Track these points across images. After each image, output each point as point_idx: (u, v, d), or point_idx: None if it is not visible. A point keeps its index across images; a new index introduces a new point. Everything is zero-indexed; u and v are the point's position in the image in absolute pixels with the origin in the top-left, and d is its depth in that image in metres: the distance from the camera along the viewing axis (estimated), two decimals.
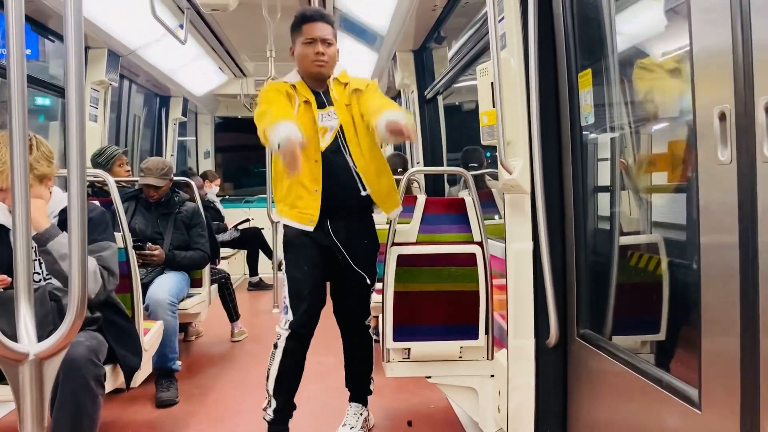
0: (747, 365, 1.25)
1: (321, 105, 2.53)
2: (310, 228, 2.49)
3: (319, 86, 2.57)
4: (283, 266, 2.57)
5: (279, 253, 6.06)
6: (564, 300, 2.21)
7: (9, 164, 0.99)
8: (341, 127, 2.51)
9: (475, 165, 4.57)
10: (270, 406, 2.58)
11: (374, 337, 3.00)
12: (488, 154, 5.23)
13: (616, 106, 2.17)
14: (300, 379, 2.62)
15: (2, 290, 2.10)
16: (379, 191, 2.57)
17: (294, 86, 2.55)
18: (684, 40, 1.47)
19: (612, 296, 2.12)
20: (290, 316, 2.51)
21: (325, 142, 2.50)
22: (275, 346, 2.54)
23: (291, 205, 2.51)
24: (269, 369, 2.56)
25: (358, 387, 2.84)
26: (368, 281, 2.63)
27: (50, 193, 2.30)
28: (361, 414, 2.83)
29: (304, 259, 2.53)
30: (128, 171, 4.21)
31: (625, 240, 2.16)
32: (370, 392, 2.87)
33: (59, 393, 1.98)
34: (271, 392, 2.57)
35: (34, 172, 2.18)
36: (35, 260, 2.26)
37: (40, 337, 1.00)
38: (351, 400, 2.87)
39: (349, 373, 2.85)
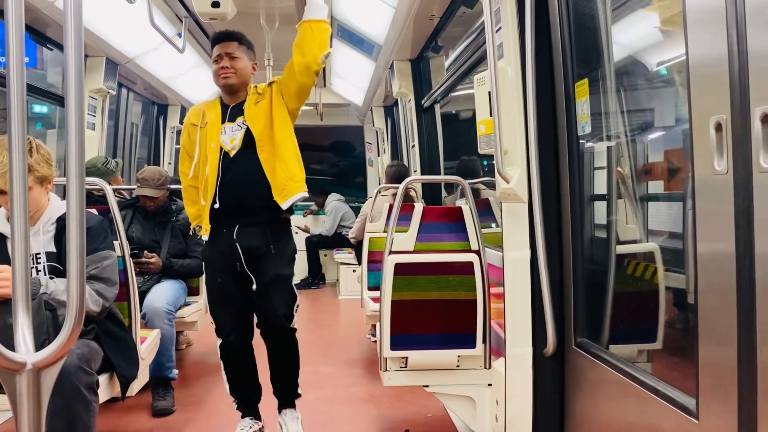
0: (744, 374, 1.26)
1: (231, 119, 2.74)
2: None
3: (232, 100, 2.79)
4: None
5: None
6: (561, 309, 2.21)
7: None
8: (248, 134, 2.68)
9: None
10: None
11: (373, 339, 3.02)
12: (485, 163, 5.26)
13: (612, 115, 2.18)
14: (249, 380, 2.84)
15: None
16: (275, 186, 2.66)
17: (205, 106, 2.82)
18: (679, 49, 1.49)
19: (609, 305, 2.13)
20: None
21: (234, 146, 2.68)
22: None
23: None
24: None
25: (287, 393, 2.84)
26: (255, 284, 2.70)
27: (48, 200, 2.30)
28: (297, 417, 2.84)
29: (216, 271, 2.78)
30: (122, 181, 4.25)
31: (622, 249, 2.16)
32: (299, 394, 2.87)
33: (51, 402, 1.96)
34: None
35: (35, 173, 2.18)
36: (31, 268, 2.26)
37: (34, 346, 1.00)
38: (281, 406, 2.85)
39: (277, 379, 2.84)
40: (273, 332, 2.75)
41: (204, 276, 2.79)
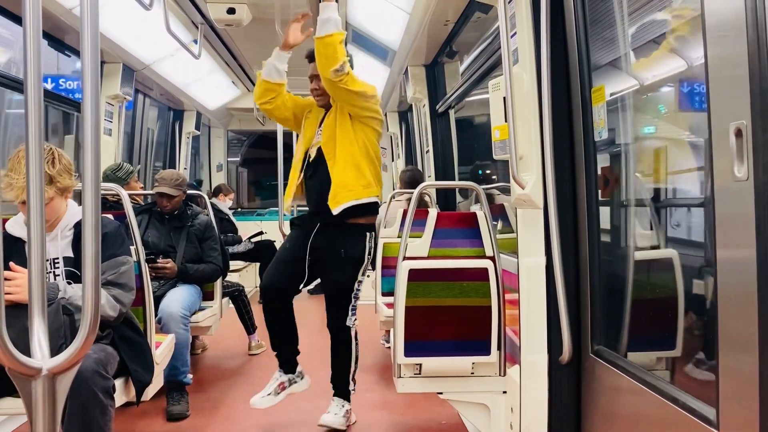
0: (766, 383, 1.23)
1: (319, 126, 3.03)
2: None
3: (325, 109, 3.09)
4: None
5: None
6: (577, 316, 2.19)
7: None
8: (320, 145, 2.96)
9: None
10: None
11: (387, 345, 3.01)
12: (480, 172, 5.33)
13: (630, 120, 2.16)
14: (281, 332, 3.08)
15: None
16: (330, 192, 2.89)
17: (313, 105, 3.12)
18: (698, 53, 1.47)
19: (627, 312, 2.10)
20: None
21: (311, 156, 3.00)
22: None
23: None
24: None
25: (338, 383, 3.10)
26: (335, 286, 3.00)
27: (66, 205, 2.32)
28: (343, 406, 3.06)
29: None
30: (142, 186, 4.27)
31: (640, 255, 2.14)
32: (349, 392, 3.10)
33: (68, 406, 1.98)
34: None
35: (57, 185, 2.21)
36: (48, 273, 2.27)
37: (51, 351, 1.00)
38: (334, 395, 3.10)
39: (332, 369, 3.13)
40: (331, 328, 3.06)
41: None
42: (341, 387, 3.08)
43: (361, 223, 2.95)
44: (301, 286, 3.03)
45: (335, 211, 2.85)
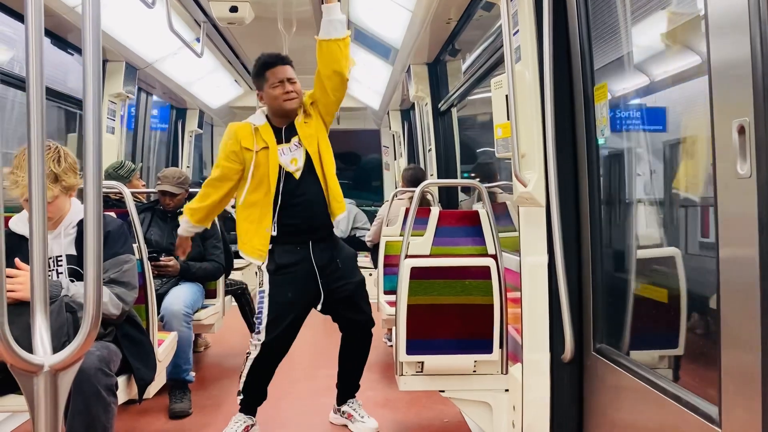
0: None
1: (286, 140, 2.79)
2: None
3: (282, 122, 2.81)
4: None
5: None
6: (580, 314, 2.19)
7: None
8: (306, 153, 2.76)
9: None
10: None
11: (389, 343, 2.99)
12: (465, 175, 5.34)
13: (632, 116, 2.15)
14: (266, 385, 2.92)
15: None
16: (329, 204, 2.81)
17: (257, 129, 2.78)
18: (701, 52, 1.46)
19: (629, 310, 2.10)
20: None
21: (298, 167, 2.75)
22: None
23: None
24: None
25: (351, 384, 3.08)
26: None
27: (70, 204, 2.33)
28: (360, 404, 3.08)
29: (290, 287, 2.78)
30: (144, 184, 4.29)
31: (642, 253, 2.13)
32: (359, 386, 3.12)
33: (72, 403, 1.99)
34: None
35: (63, 183, 2.22)
36: (51, 271, 2.28)
37: (54, 348, 1.00)
38: (346, 398, 3.08)
39: (348, 371, 3.06)
40: (362, 333, 2.96)
41: (268, 288, 2.77)
42: (354, 385, 3.09)
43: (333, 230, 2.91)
44: None
45: (335, 222, 2.82)
